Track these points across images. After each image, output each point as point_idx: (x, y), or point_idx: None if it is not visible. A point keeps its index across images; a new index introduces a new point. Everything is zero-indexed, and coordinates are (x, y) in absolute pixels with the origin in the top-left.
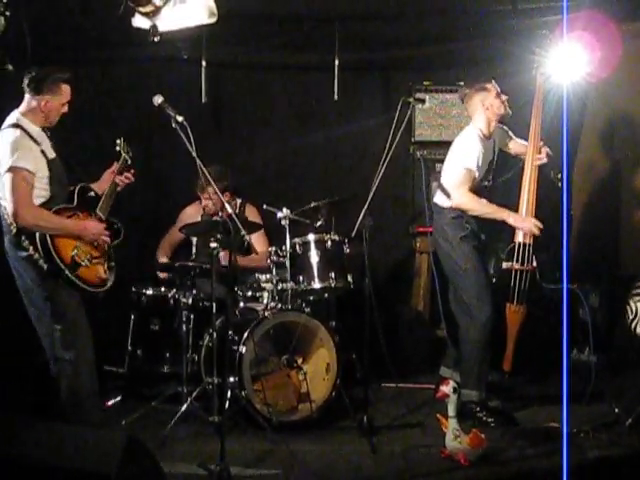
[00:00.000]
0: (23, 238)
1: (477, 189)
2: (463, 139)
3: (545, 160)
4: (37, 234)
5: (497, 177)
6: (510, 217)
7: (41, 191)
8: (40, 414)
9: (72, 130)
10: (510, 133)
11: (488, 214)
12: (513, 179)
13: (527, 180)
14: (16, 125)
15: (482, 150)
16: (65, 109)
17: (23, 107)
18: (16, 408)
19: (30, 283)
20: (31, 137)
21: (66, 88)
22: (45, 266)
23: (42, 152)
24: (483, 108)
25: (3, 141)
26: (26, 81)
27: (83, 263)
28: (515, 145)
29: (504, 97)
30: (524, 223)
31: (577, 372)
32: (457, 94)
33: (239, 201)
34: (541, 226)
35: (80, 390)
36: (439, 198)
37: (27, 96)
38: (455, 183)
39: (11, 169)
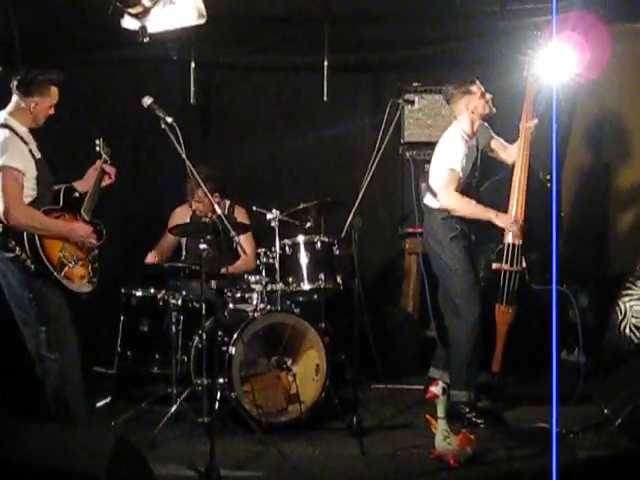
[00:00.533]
0: (9, 238)
1: (463, 188)
2: (447, 140)
3: (536, 122)
4: (25, 234)
5: (485, 177)
6: (497, 218)
7: (29, 191)
8: (27, 415)
9: (60, 131)
10: (492, 132)
11: (475, 214)
12: (503, 180)
13: (517, 181)
14: (4, 125)
15: (466, 150)
16: (52, 110)
17: (11, 108)
18: (3, 409)
19: (15, 284)
20: (20, 137)
21: (54, 90)
22: (32, 267)
23: (30, 152)
24: (468, 111)
25: None
26: (15, 83)
27: (69, 264)
28: (497, 145)
29: (488, 96)
30: (510, 225)
31: (566, 373)
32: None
33: (228, 202)
34: (522, 226)
35: (65, 390)
36: (429, 199)
37: (15, 97)
38: (441, 185)
39: (1, 169)
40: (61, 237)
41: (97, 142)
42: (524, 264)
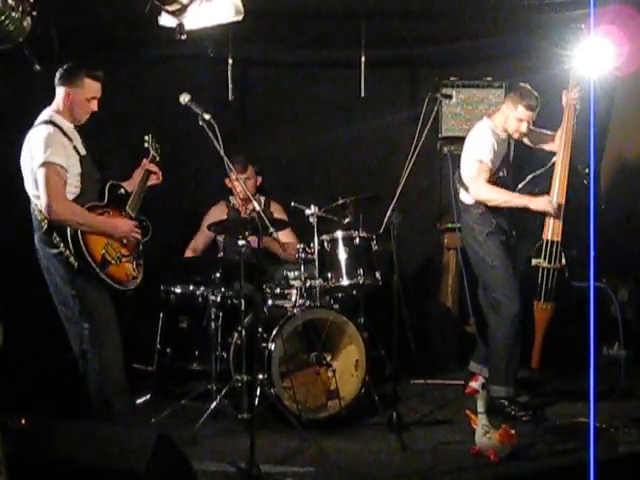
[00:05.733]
0: (54, 235)
1: (493, 181)
2: (475, 133)
3: (579, 90)
4: (68, 231)
5: (526, 172)
6: (531, 202)
7: (72, 187)
8: (69, 412)
9: (99, 128)
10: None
11: (508, 202)
12: (544, 175)
13: (558, 176)
14: (49, 122)
15: (495, 144)
16: (93, 107)
17: (55, 104)
18: (45, 406)
19: (60, 281)
20: (64, 133)
21: (90, 83)
22: (75, 263)
23: (74, 148)
24: (504, 115)
25: (36, 137)
26: (57, 75)
27: (113, 261)
28: (536, 135)
29: (525, 127)
30: (545, 205)
31: (607, 367)
32: (487, 89)
33: (263, 198)
34: (556, 206)
35: (109, 389)
36: (464, 195)
37: (56, 92)
38: (471, 176)
39: (45, 164)
40: (104, 233)
41: (146, 138)
42: (563, 261)
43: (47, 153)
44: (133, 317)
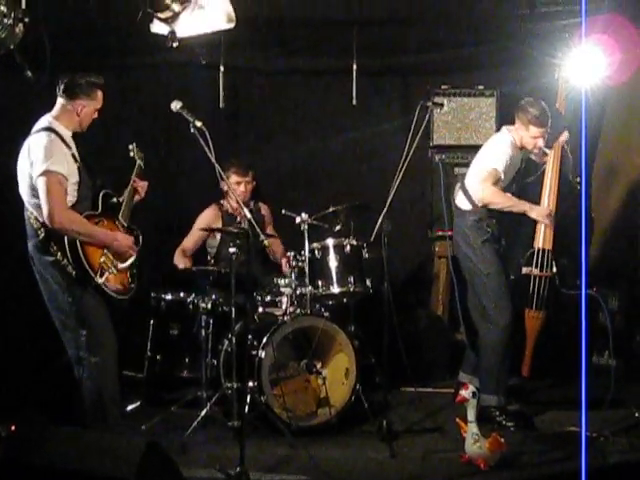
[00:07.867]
0: (51, 243)
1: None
2: (496, 142)
3: (567, 135)
4: (66, 239)
5: (519, 183)
6: (532, 210)
7: (70, 196)
8: (61, 419)
9: (90, 136)
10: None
11: (510, 207)
12: (533, 184)
13: (548, 184)
14: (49, 129)
15: (512, 156)
16: (96, 114)
17: (56, 111)
18: (37, 413)
19: (56, 288)
20: (63, 141)
21: (100, 94)
22: (73, 273)
23: (73, 156)
24: (518, 133)
25: (37, 145)
26: (61, 86)
27: (109, 270)
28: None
29: (541, 142)
30: (545, 217)
31: (597, 376)
32: (478, 97)
33: (252, 202)
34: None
35: (103, 395)
36: (461, 201)
37: (61, 101)
38: (480, 179)
39: (46, 173)
40: (103, 245)
41: (130, 147)
42: (554, 269)
43: (48, 162)
44: (123, 324)
